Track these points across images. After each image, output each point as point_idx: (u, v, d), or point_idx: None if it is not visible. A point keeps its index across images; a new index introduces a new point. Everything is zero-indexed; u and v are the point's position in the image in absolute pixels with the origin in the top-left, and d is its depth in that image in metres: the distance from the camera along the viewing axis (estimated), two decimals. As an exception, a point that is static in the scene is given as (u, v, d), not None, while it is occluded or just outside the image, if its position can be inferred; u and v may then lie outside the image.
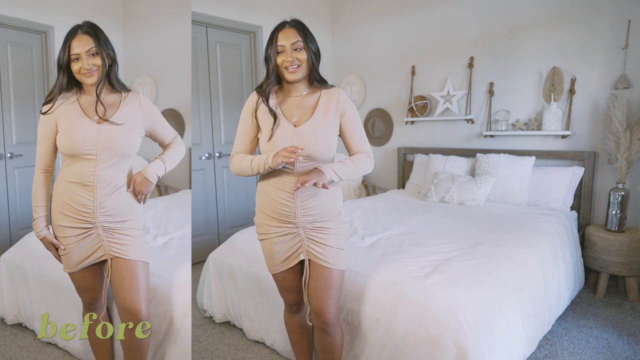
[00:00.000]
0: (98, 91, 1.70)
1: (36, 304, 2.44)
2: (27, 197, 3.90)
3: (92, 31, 1.67)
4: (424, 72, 4.36)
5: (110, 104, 1.74)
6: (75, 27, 1.68)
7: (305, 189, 1.65)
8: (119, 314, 1.77)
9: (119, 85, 1.78)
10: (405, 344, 1.82)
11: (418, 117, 4.34)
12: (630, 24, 3.14)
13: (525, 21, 3.67)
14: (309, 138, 1.65)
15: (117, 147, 1.70)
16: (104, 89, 1.73)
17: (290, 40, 1.64)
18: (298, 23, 1.69)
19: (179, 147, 1.93)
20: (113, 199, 1.72)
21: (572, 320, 2.74)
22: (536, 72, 3.64)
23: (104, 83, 1.71)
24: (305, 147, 1.62)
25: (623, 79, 3.16)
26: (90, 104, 1.72)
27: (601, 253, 3.05)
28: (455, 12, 4.07)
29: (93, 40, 1.66)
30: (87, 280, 1.81)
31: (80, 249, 1.74)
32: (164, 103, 3.88)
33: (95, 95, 1.70)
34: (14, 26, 3.70)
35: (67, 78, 1.70)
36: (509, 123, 3.80)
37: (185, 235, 2.62)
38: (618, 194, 3.08)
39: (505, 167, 3.52)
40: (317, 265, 1.73)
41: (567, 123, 3.47)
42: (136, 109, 1.78)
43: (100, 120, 1.70)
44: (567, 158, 3.49)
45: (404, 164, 4.54)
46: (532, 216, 3.06)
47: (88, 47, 1.64)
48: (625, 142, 3.06)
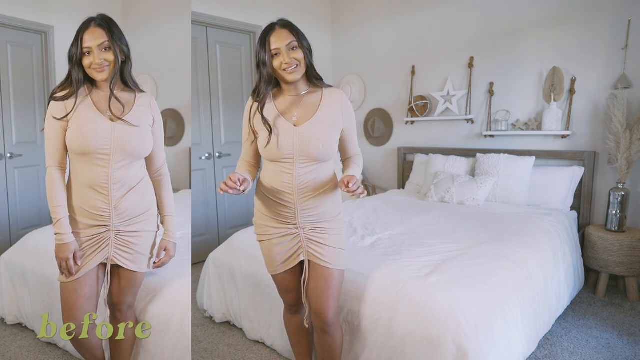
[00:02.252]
0: (112, 86, 1.61)
1: (36, 304, 2.44)
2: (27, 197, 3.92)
3: (105, 24, 1.58)
4: (424, 72, 4.36)
5: (124, 103, 1.66)
6: (88, 20, 1.59)
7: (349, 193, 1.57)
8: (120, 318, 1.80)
9: (132, 83, 1.70)
10: (405, 344, 1.82)
11: (418, 117, 4.34)
12: (630, 24, 3.14)
13: (525, 21, 3.67)
14: (309, 138, 1.64)
15: (131, 148, 1.63)
16: (116, 87, 1.65)
17: (284, 41, 1.60)
18: (287, 22, 1.65)
19: (168, 180, 1.85)
20: (127, 200, 1.66)
21: (572, 320, 2.74)
22: (536, 72, 3.64)
23: (117, 80, 1.64)
24: (305, 147, 1.63)
25: (623, 79, 3.16)
26: (103, 100, 1.63)
27: (601, 253, 3.05)
28: (455, 12, 4.07)
29: (106, 34, 1.57)
30: (89, 287, 1.70)
31: (91, 254, 1.66)
32: (164, 103, 3.88)
33: (109, 91, 1.62)
34: (14, 26, 3.70)
35: (82, 73, 1.60)
36: (509, 123, 3.80)
37: (185, 235, 2.62)
38: (618, 194, 3.08)
39: (505, 167, 3.52)
40: (317, 266, 1.73)
41: (567, 123, 3.47)
42: (148, 111, 1.71)
43: (113, 118, 1.61)
44: (567, 158, 3.49)
45: (404, 164, 4.54)
46: (532, 216, 3.06)
47: (100, 40, 1.56)
48: (625, 142, 3.06)
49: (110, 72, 1.60)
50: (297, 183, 1.66)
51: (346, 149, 1.81)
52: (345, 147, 1.80)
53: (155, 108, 1.75)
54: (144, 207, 1.72)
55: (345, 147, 1.80)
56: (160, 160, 1.83)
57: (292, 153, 1.64)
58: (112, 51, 1.58)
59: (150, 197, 1.76)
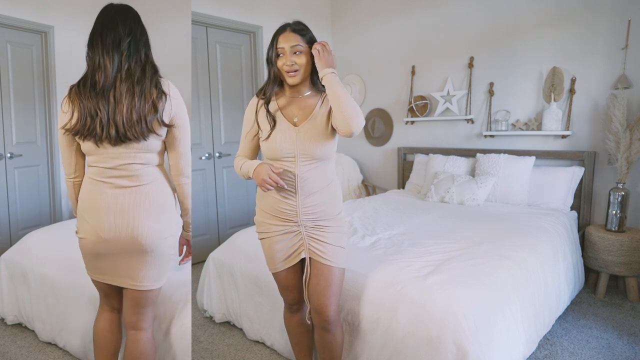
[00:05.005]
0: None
1: (36, 304, 2.44)
2: (27, 197, 3.92)
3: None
4: (424, 72, 4.36)
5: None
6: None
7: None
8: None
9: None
10: (405, 344, 1.82)
11: (418, 117, 4.34)
12: (630, 23, 3.14)
13: (525, 21, 3.67)
14: (309, 138, 1.67)
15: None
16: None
17: (290, 43, 1.65)
18: (300, 26, 1.69)
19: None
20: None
21: (572, 320, 2.74)
22: (536, 72, 3.64)
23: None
24: (305, 147, 1.67)
25: (623, 79, 3.16)
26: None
27: (601, 253, 3.05)
28: (456, 12, 4.08)
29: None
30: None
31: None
32: (164, 103, 3.87)
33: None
34: (14, 26, 3.70)
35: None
36: (509, 123, 3.80)
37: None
38: (618, 194, 3.08)
39: (505, 167, 3.52)
40: (318, 263, 1.74)
41: (567, 123, 3.47)
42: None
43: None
44: (567, 158, 3.49)
45: (404, 164, 4.54)
46: (532, 216, 3.06)
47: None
48: (625, 142, 3.06)
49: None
50: (299, 181, 1.68)
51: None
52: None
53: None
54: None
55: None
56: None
57: (294, 152, 1.68)
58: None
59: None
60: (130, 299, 1.70)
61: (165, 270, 1.73)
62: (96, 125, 1.53)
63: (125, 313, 1.74)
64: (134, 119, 1.52)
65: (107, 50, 1.53)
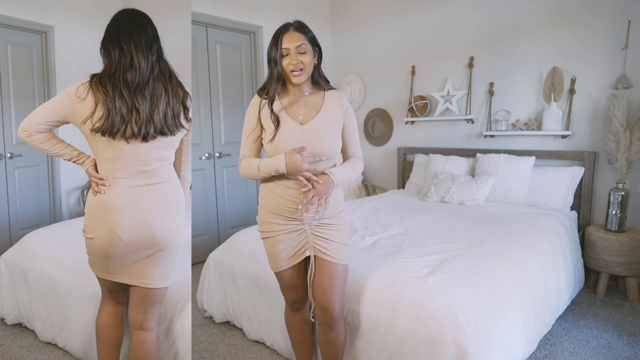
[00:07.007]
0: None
1: (36, 304, 2.44)
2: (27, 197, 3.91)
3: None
4: (424, 72, 4.36)
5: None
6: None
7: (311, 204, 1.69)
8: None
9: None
10: (405, 344, 1.82)
11: (418, 117, 4.34)
12: (630, 23, 3.14)
13: (525, 21, 3.67)
14: (315, 135, 1.69)
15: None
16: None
17: (295, 43, 1.65)
18: (302, 25, 1.70)
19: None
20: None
21: (572, 320, 2.74)
22: (536, 72, 3.64)
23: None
24: (311, 145, 1.68)
25: (623, 79, 3.16)
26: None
27: (601, 253, 3.05)
28: (455, 12, 4.08)
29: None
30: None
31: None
32: (164, 103, 3.87)
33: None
34: (14, 26, 3.70)
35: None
36: (509, 123, 3.80)
37: (186, 235, 2.62)
38: (618, 194, 3.08)
39: (505, 167, 3.52)
40: (322, 261, 1.75)
41: (567, 123, 3.47)
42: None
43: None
44: (567, 158, 3.49)
45: (404, 164, 4.54)
46: (532, 216, 3.06)
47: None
48: (625, 142, 3.06)
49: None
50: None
51: (346, 146, 1.85)
52: (345, 145, 1.84)
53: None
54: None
55: (344, 145, 1.84)
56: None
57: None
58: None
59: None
60: (139, 297, 1.70)
61: (174, 268, 1.75)
62: (130, 122, 1.53)
63: (132, 311, 1.73)
64: (169, 115, 1.60)
65: (141, 50, 1.58)
